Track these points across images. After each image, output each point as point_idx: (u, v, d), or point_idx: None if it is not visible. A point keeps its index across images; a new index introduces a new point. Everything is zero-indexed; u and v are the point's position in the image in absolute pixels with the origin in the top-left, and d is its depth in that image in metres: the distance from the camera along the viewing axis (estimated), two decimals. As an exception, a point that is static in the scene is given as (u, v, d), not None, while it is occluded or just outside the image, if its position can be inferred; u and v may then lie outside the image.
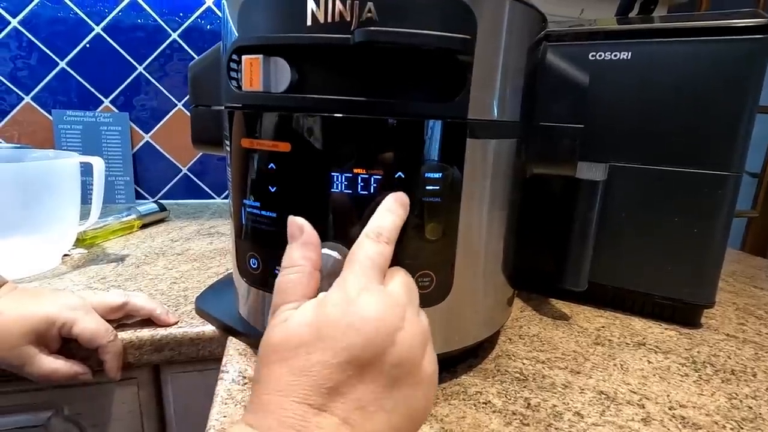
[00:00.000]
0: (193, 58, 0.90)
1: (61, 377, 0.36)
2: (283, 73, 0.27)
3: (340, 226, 0.28)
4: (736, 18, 0.42)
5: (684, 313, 0.49)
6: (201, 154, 0.94)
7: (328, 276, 0.28)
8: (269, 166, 0.29)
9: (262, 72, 0.27)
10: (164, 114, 0.92)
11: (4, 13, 0.81)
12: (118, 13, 0.85)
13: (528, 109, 0.34)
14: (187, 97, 0.92)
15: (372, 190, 0.28)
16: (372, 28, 0.24)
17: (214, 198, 0.98)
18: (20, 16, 0.81)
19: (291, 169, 0.28)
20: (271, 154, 0.28)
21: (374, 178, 0.27)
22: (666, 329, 0.48)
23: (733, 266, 0.73)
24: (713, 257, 0.46)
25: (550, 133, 0.35)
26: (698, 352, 0.43)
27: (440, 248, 0.30)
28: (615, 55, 0.46)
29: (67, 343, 0.38)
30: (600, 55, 0.47)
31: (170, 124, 0.92)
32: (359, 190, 0.28)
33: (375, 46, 0.25)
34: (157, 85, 0.90)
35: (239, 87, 0.29)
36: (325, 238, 0.28)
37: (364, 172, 0.27)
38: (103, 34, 0.85)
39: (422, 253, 0.30)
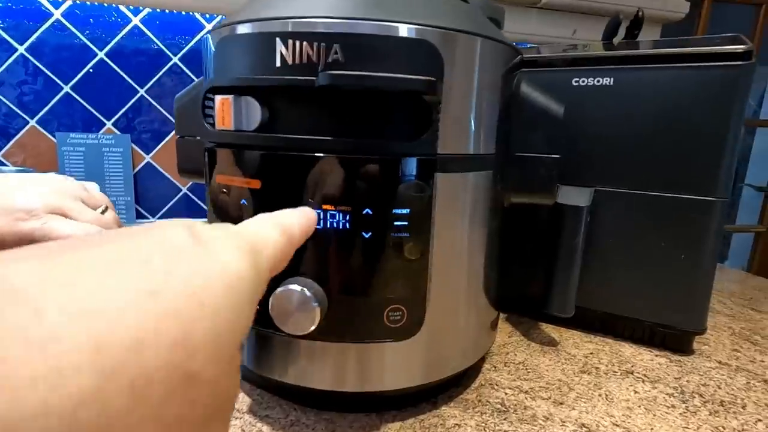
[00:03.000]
0: (193, 80, 0.92)
1: None
2: (253, 113, 0.28)
3: (310, 262, 0.29)
4: (718, 44, 0.43)
5: (675, 339, 0.48)
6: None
7: (296, 311, 0.28)
8: (242, 202, 0.29)
9: (234, 111, 0.28)
10: (164, 135, 0.94)
11: (11, 41, 0.83)
12: (121, 38, 0.88)
13: (503, 140, 0.34)
14: (188, 118, 0.94)
15: (341, 226, 0.28)
16: (335, 72, 0.25)
17: (213, 217, 0.99)
18: (27, 43, 0.84)
19: (261, 204, 0.29)
20: (243, 191, 0.29)
21: (342, 215, 0.28)
22: (656, 356, 0.47)
23: (732, 286, 0.71)
24: (702, 283, 0.45)
25: (526, 164, 0.35)
26: (687, 381, 0.42)
27: (410, 282, 0.30)
28: (598, 81, 0.46)
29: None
30: (583, 81, 0.47)
31: (170, 146, 0.94)
32: (328, 225, 0.28)
33: (339, 89, 0.26)
34: (158, 107, 0.92)
35: (213, 125, 0.30)
36: (293, 273, 0.29)
37: (333, 208, 0.28)
38: (107, 59, 0.88)
39: (392, 288, 0.30)
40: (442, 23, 0.28)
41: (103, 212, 0.43)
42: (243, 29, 0.29)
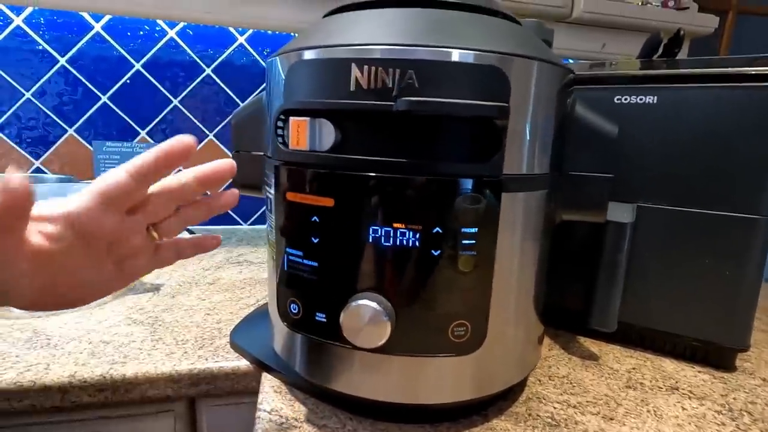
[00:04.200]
0: (225, 90, 0.95)
1: None
2: (327, 134, 0.29)
3: (379, 278, 0.30)
4: (760, 64, 0.43)
5: (717, 355, 0.48)
6: (228, 182, 0.98)
7: (367, 325, 0.29)
8: (312, 219, 0.31)
9: (309, 133, 0.29)
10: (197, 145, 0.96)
11: (53, 52, 0.86)
12: (157, 50, 0.90)
13: (558, 159, 0.35)
14: (219, 127, 0.97)
15: (410, 244, 0.29)
16: (415, 98, 0.26)
17: (240, 224, 1.01)
18: (68, 55, 0.87)
19: (333, 222, 0.30)
20: (315, 208, 0.30)
21: (413, 233, 0.29)
22: (699, 372, 0.47)
23: None
24: (746, 300, 0.45)
25: (579, 182, 0.36)
26: (734, 398, 0.43)
27: (476, 298, 0.31)
28: (641, 99, 0.47)
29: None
30: (626, 99, 0.48)
31: (202, 154, 0.96)
32: (398, 243, 0.29)
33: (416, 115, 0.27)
34: (191, 117, 0.94)
35: (285, 144, 0.31)
36: (364, 288, 0.30)
37: (404, 227, 0.29)
38: (143, 71, 0.91)
39: (458, 304, 0.31)
40: (509, 49, 0.29)
41: None
42: (316, 54, 0.30)
